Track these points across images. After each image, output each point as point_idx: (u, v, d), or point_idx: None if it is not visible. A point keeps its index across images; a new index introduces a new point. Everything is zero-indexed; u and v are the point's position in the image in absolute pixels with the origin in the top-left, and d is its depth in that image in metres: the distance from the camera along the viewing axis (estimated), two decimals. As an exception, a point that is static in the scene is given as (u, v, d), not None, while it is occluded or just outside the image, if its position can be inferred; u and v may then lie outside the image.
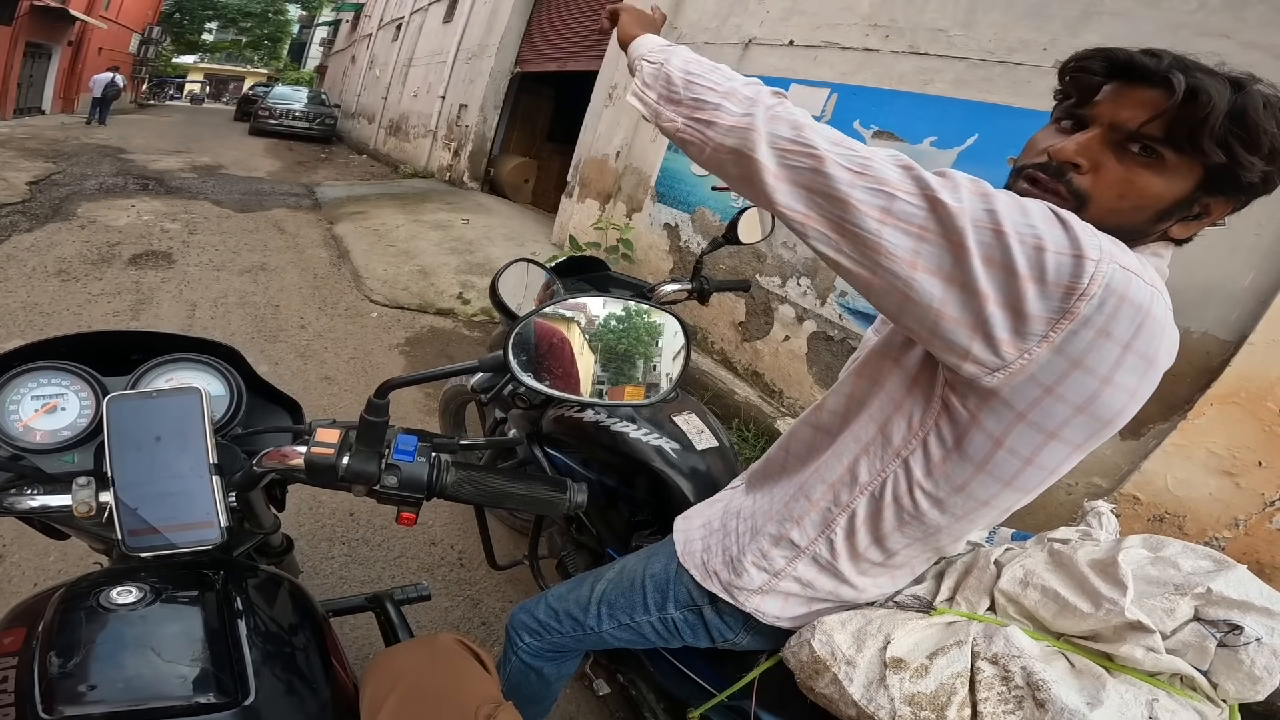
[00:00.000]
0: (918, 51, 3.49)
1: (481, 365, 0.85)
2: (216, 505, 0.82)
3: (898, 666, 0.90)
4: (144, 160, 10.10)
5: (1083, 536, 1.04)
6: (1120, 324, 0.67)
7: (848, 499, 0.93)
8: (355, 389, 3.54)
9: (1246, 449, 2.23)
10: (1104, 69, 0.78)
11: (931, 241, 0.70)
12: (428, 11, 13.62)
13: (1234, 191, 0.76)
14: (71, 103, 19.17)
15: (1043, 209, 0.69)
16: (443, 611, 2.15)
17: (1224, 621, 0.83)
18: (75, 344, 0.97)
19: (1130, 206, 0.76)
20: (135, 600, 0.75)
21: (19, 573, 2.00)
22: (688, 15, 5.19)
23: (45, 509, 0.82)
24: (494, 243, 6.53)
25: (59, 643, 0.71)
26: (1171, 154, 0.73)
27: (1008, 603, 0.96)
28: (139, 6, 24.19)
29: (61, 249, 4.94)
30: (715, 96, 0.87)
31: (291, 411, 1.10)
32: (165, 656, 0.72)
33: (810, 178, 0.76)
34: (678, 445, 1.52)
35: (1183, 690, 0.84)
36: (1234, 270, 2.32)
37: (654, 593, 1.17)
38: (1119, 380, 0.70)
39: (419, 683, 0.86)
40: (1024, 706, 0.82)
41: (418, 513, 0.87)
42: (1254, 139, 0.70)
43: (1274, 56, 2.30)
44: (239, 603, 0.82)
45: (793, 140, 0.78)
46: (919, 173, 0.73)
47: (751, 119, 0.82)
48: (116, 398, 0.84)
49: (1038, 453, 0.77)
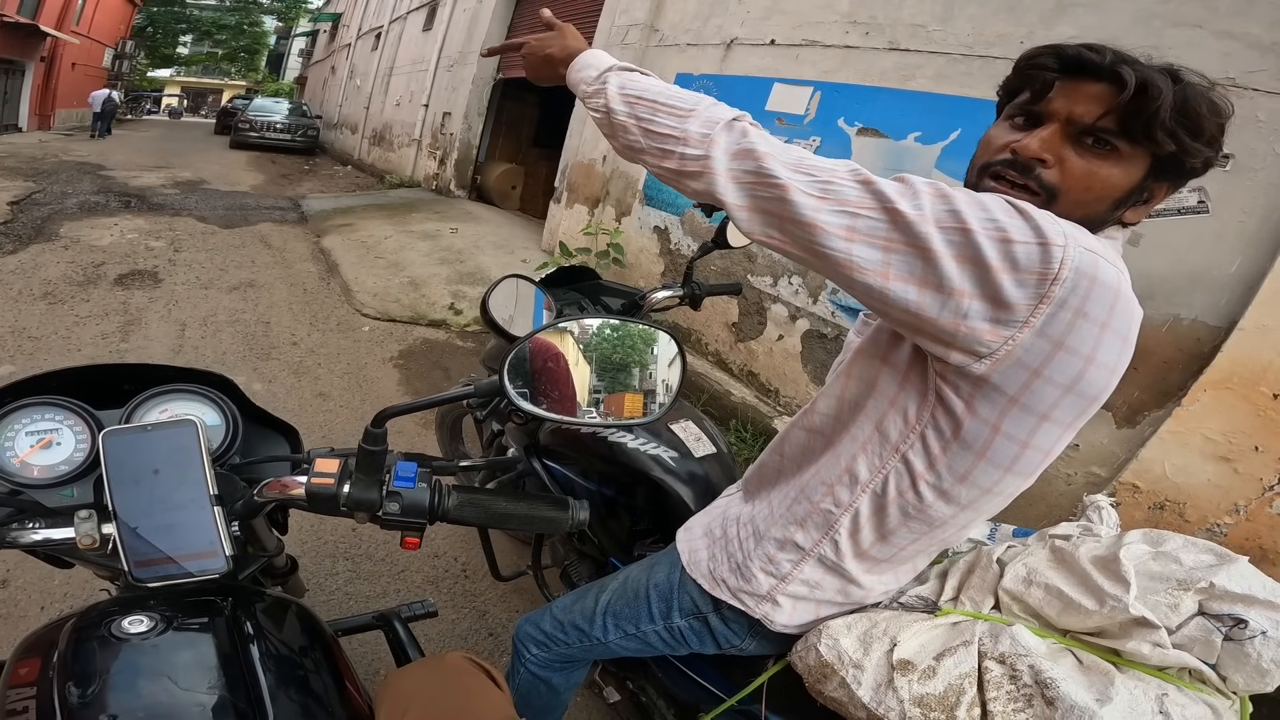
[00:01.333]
0: (898, 48, 3.51)
1: (477, 390, 0.86)
2: (220, 535, 0.82)
3: (905, 669, 0.91)
4: (124, 177, 10.03)
5: (1083, 532, 1.05)
6: (1095, 305, 0.70)
7: (849, 499, 0.94)
8: (351, 404, 3.53)
9: (1242, 434, 2.25)
10: (1056, 65, 0.80)
11: (899, 251, 0.73)
12: (407, 20, 13.58)
13: (1178, 176, 0.81)
14: (48, 119, 19.04)
15: (1000, 203, 0.72)
16: (449, 624, 2.15)
17: (1228, 615, 0.83)
18: (66, 378, 0.97)
19: (1093, 197, 0.80)
20: (147, 629, 0.76)
21: (25, 597, 2.00)
22: (669, 17, 5.20)
23: (49, 542, 0.82)
24: (483, 251, 6.52)
25: (76, 673, 0.72)
26: (1125, 145, 0.77)
27: (1012, 601, 0.97)
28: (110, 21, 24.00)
29: (46, 270, 4.90)
30: (670, 128, 0.88)
31: (288, 436, 1.11)
32: (182, 685, 0.72)
33: (777, 207, 0.79)
34: (676, 453, 1.52)
35: (1192, 684, 0.84)
36: (1221, 257, 2.34)
37: (659, 602, 1.17)
38: (1100, 359, 0.73)
39: (432, 705, 0.87)
40: (1034, 705, 0.83)
41: (421, 537, 0.88)
42: (1198, 127, 0.75)
43: (1247, 45, 2.33)
44: (249, 628, 0.83)
45: (755, 174, 0.81)
46: (877, 186, 0.75)
47: (709, 161, 0.83)
48: (112, 433, 0.84)
49: (1033, 435, 0.79)
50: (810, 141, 3.87)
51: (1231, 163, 2.33)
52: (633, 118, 0.91)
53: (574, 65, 1.04)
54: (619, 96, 0.93)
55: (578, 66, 1.03)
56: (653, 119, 0.90)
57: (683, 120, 0.87)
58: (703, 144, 0.84)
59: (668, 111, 0.89)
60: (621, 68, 0.99)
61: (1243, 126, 2.32)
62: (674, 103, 0.89)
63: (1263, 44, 2.31)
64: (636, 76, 0.96)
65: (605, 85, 0.96)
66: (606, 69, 0.99)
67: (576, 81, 1.03)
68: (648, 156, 0.91)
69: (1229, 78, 2.35)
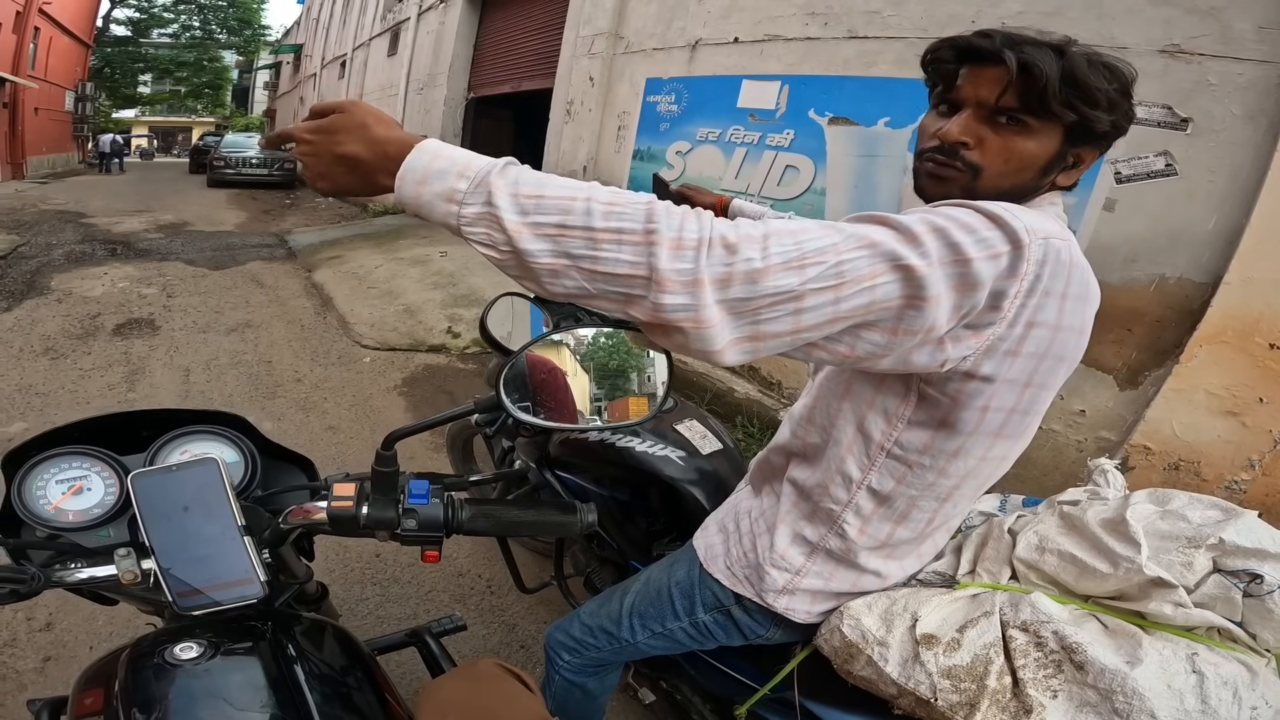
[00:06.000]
0: (857, 35, 3.56)
1: (477, 406, 0.91)
2: (253, 563, 0.87)
3: (929, 643, 0.93)
4: (106, 223, 9.96)
5: (1091, 496, 1.07)
6: (1056, 281, 0.75)
7: (846, 497, 0.98)
8: (360, 435, 3.55)
9: (1244, 386, 2.28)
10: (954, 56, 0.86)
11: (912, 308, 0.69)
12: (370, 46, 13.59)
13: (1094, 140, 0.85)
14: (20, 167, 18.74)
15: (977, 217, 0.73)
16: (480, 640, 2.18)
17: (1244, 571, 0.85)
18: (86, 428, 1.02)
19: (1016, 169, 0.85)
20: (198, 655, 0.80)
21: (72, 639, 2.05)
22: (632, 23, 5.24)
23: (94, 580, 0.86)
24: (474, 272, 6.53)
25: (138, 700, 0.76)
26: (1032, 119, 0.82)
27: (1028, 570, 0.99)
28: (65, 64, 23.81)
29: (44, 326, 4.91)
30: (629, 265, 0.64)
31: (304, 468, 1.15)
32: (236, 705, 0.76)
33: (790, 323, 0.67)
34: (683, 453, 1.55)
35: (1222, 643, 0.86)
36: (1196, 216, 2.39)
37: (681, 599, 1.20)
38: (1066, 324, 0.78)
39: (469, 710, 0.90)
40: (1064, 670, 0.85)
41: (440, 550, 0.92)
42: (1090, 96, 0.79)
43: (1185, 11, 2.40)
44: (291, 649, 0.87)
45: (762, 297, 0.65)
46: (884, 246, 0.68)
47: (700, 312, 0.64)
48: (139, 475, 0.89)
49: (1017, 401, 0.84)
50: (784, 135, 3.91)
51: (1192, 126, 2.39)
52: (564, 257, 0.64)
53: (411, 170, 0.67)
54: (526, 230, 0.64)
55: (421, 172, 0.66)
56: (595, 255, 0.64)
57: (644, 249, 0.63)
58: (687, 286, 0.63)
59: (612, 238, 0.63)
60: (503, 166, 0.66)
61: (1197, 91, 2.38)
62: (615, 223, 0.63)
63: (1200, 9, 2.37)
64: (528, 180, 0.65)
65: (494, 209, 0.64)
66: (481, 173, 0.65)
67: (429, 199, 0.66)
68: (602, 302, 0.67)
69: (1173, 44, 2.41)
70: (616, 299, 0.66)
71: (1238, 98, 2.31)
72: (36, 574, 0.79)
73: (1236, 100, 2.31)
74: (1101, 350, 2.65)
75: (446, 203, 0.65)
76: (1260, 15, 2.25)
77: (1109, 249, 2.59)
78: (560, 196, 0.64)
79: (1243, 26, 2.28)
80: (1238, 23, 2.29)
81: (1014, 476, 0.99)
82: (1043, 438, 2.75)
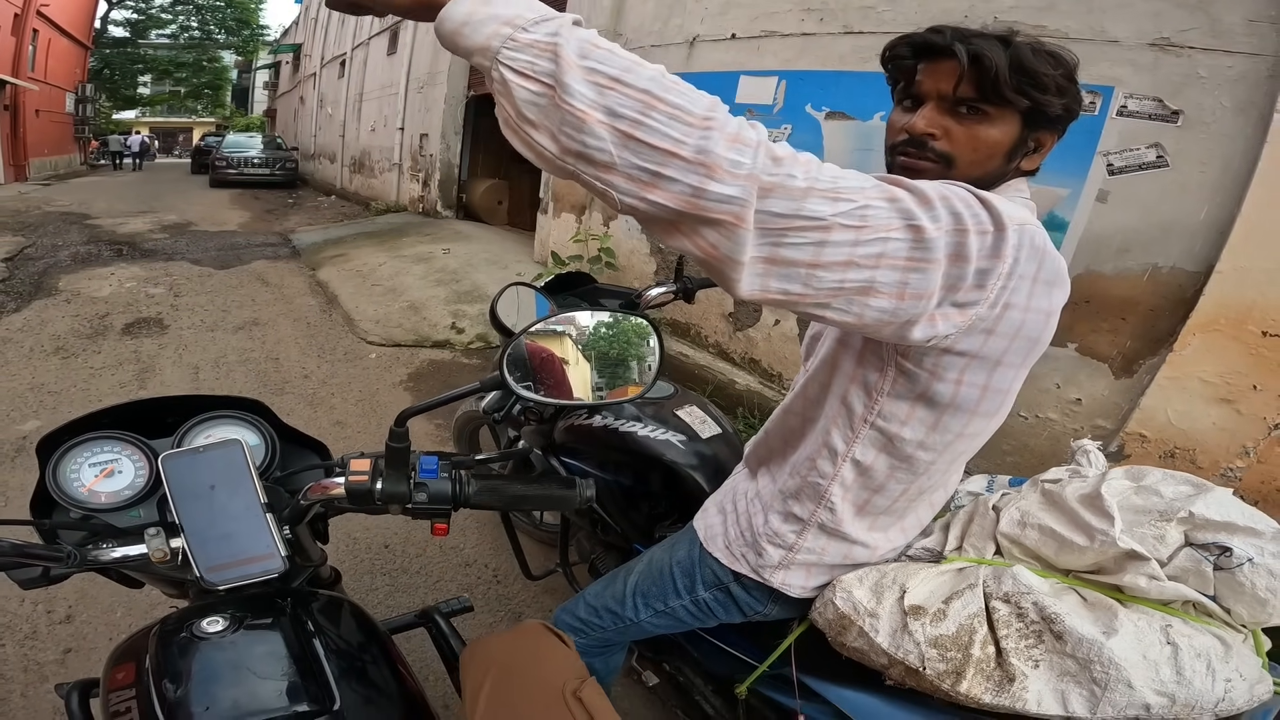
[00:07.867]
0: (853, 30, 3.58)
1: (482, 385, 0.96)
2: (274, 538, 0.92)
3: (917, 613, 0.96)
4: (111, 224, 10.02)
5: (1072, 475, 1.10)
6: (1029, 265, 0.79)
7: (832, 470, 1.03)
8: (368, 429, 3.60)
9: (1238, 374, 2.31)
10: (910, 53, 0.91)
11: (917, 268, 0.72)
12: (369, 45, 13.57)
13: (1051, 124, 0.90)
14: (23, 169, 18.67)
15: (969, 195, 0.76)
16: (487, 627, 2.23)
17: (1214, 544, 0.88)
18: (115, 415, 1.07)
19: (983, 156, 0.89)
20: (224, 628, 0.86)
21: (90, 630, 2.11)
22: (630, 20, 5.24)
23: (126, 559, 0.91)
24: (478, 269, 6.59)
25: (169, 671, 0.81)
26: (990, 107, 0.87)
27: (1011, 545, 1.03)
28: (64, 66, 23.73)
29: (54, 326, 4.96)
30: (674, 142, 0.61)
31: (318, 452, 1.20)
32: (260, 674, 0.82)
33: (811, 254, 0.67)
34: (684, 437, 1.60)
35: (1197, 616, 0.89)
36: (1188, 206, 2.42)
37: (682, 577, 1.24)
38: (1035, 305, 0.82)
39: (509, 666, 0.95)
40: (1044, 640, 0.89)
41: (448, 523, 0.98)
42: (1039, 82, 0.84)
43: (1174, 5, 2.42)
44: (310, 624, 0.92)
45: (794, 217, 0.65)
46: (904, 203, 0.70)
47: (743, 209, 0.63)
48: (170, 456, 0.95)
49: (990, 378, 0.88)
50: (782, 130, 3.94)
51: (1182, 118, 2.41)
52: (603, 110, 0.60)
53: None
54: (580, 70, 0.59)
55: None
56: (642, 119, 0.60)
57: (699, 131, 0.61)
58: (740, 180, 0.62)
59: (668, 110, 0.61)
60: (574, 19, 0.63)
61: (1187, 84, 2.40)
62: (676, 99, 0.61)
63: (1189, 2, 2.38)
64: (600, 40, 0.62)
65: (557, 40, 0.60)
66: (555, 14, 0.62)
67: (483, 17, 0.61)
68: (614, 176, 0.62)
69: (1163, 37, 2.42)
70: (638, 175, 0.62)
71: (1228, 90, 2.33)
72: (73, 552, 0.83)
73: (1226, 92, 2.33)
74: (1096, 339, 2.68)
75: (501, 25, 0.60)
76: (1249, 8, 2.28)
77: (1102, 239, 2.61)
78: (629, 59, 0.62)
79: (1232, 19, 2.30)
80: (1227, 16, 2.31)
81: (1010, 464, 1.03)
82: (1039, 426, 2.79)
